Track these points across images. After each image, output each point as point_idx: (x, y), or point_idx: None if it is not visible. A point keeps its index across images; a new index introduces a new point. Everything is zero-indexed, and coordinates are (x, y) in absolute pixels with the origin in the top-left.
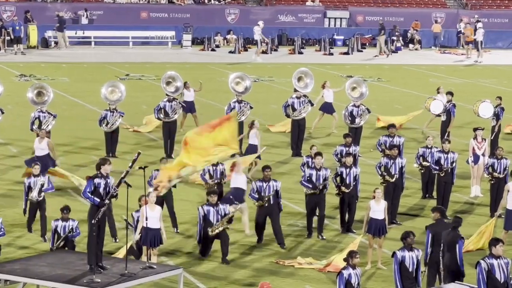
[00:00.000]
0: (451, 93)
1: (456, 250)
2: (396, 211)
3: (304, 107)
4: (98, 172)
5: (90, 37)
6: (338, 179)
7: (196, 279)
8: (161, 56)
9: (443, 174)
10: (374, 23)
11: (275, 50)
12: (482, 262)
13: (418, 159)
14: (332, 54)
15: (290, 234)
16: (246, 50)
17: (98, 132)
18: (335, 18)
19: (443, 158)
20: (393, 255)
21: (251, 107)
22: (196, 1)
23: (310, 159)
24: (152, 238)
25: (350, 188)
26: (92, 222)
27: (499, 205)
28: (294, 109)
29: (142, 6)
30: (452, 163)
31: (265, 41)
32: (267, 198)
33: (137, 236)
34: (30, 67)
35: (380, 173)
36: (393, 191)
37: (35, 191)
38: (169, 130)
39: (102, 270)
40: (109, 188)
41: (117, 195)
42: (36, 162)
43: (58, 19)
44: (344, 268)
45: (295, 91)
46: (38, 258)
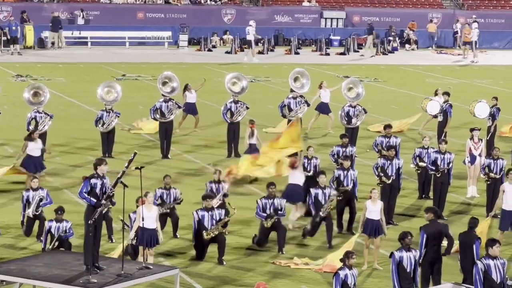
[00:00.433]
0: (447, 93)
1: (472, 250)
2: (393, 212)
3: (300, 108)
4: (95, 172)
5: (86, 37)
6: (335, 183)
7: (192, 279)
8: (157, 56)
9: (439, 175)
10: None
11: (272, 51)
12: (479, 262)
13: (415, 159)
14: (328, 55)
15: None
16: (242, 50)
17: (94, 133)
18: (332, 19)
19: (439, 159)
20: (391, 255)
21: (247, 108)
22: (192, 1)
23: (306, 160)
24: (148, 238)
25: (349, 190)
26: (89, 222)
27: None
28: (290, 109)
29: (138, 6)
30: (448, 164)
31: (261, 40)
32: (273, 219)
33: (132, 235)
34: (27, 68)
35: (377, 173)
36: (389, 192)
37: (33, 206)
38: (165, 131)
39: (99, 271)
40: (105, 189)
41: (113, 195)
42: (34, 176)
43: (52, 19)
44: (340, 269)
45: (292, 91)
46: (34, 259)
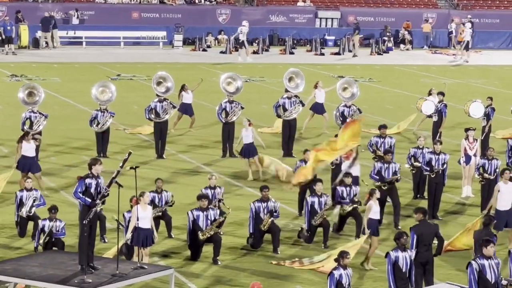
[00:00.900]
0: (442, 93)
1: None
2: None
3: (295, 108)
4: (89, 172)
5: (81, 37)
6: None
7: (187, 279)
8: (152, 56)
9: (434, 176)
10: (365, 23)
11: (266, 50)
12: (473, 262)
13: (410, 159)
14: (323, 54)
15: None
16: (237, 50)
17: (89, 132)
18: (326, 19)
19: (434, 159)
20: (386, 255)
21: (242, 108)
22: (187, 1)
23: (303, 163)
24: (144, 238)
25: (353, 207)
26: (84, 222)
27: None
28: (285, 109)
29: (133, 6)
30: (443, 164)
31: (255, 41)
32: (267, 223)
33: (128, 235)
34: (21, 67)
35: (377, 179)
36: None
37: (27, 206)
38: (160, 131)
39: (93, 271)
40: (100, 188)
41: (108, 195)
42: (28, 176)
43: (42, 19)
44: (335, 269)
45: (286, 91)
46: (29, 258)
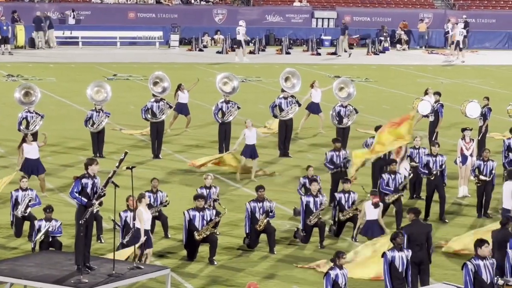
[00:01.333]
0: (438, 93)
1: (506, 248)
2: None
3: (291, 108)
4: (86, 172)
5: (77, 37)
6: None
7: (183, 279)
8: (148, 56)
9: (433, 178)
10: (361, 23)
11: (263, 50)
12: (469, 263)
13: (406, 159)
14: (319, 54)
15: (277, 235)
16: (233, 50)
17: (85, 132)
18: (323, 19)
19: (431, 161)
20: (383, 255)
21: (238, 108)
22: (183, 1)
23: (307, 180)
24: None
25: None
26: (80, 222)
27: (487, 207)
28: (281, 109)
29: (129, 6)
30: (441, 166)
31: (252, 41)
32: (263, 223)
33: (142, 239)
34: (18, 67)
35: (391, 191)
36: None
37: (22, 206)
38: (156, 131)
39: (90, 271)
40: (96, 188)
41: (104, 195)
42: (24, 175)
43: (34, 18)
44: (331, 269)
45: (283, 91)
46: (25, 258)
